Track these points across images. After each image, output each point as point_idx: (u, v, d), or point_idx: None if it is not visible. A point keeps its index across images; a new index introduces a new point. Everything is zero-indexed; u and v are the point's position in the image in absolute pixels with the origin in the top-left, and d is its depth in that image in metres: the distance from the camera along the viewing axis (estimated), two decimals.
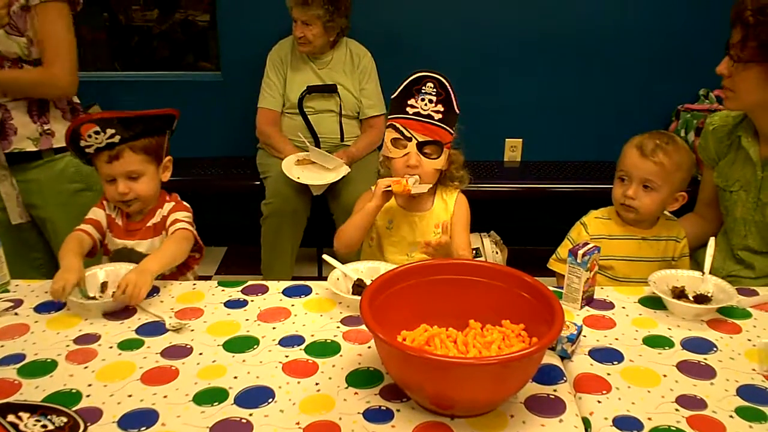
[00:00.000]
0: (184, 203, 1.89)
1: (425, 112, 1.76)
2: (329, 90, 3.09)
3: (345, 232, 1.87)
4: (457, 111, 1.78)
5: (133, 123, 1.73)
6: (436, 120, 1.76)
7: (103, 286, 1.64)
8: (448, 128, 1.78)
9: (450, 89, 1.75)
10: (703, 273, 1.62)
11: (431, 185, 1.84)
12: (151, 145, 1.78)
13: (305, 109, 3.08)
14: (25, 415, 1.12)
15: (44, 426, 1.10)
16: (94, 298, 1.61)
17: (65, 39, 2.13)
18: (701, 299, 1.55)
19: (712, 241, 1.71)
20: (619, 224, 1.86)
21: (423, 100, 1.75)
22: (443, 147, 1.79)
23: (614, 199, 1.84)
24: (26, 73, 2.11)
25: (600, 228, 1.86)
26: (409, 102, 1.77)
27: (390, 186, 1.77)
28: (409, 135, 1.77)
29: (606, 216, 1.88)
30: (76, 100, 2.28)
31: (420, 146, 1.78)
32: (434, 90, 1.75)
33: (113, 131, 1.69)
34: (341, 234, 1.87)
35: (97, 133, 1.69)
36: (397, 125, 1.79)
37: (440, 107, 1.75)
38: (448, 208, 1.90)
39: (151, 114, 1.77)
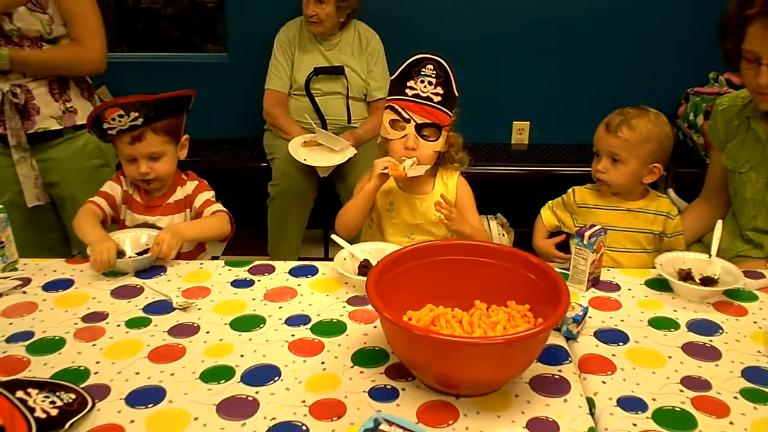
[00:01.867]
0: (205, 182, 1.94)
1: (424, 95, 1.75)
2: (336, 72, 3.08)
3: (345, 214, 1.87)
4: (457, 93, 1.76)
5: (155, 105, 1.77)
6: (435, 102, 1.75)
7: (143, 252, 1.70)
8: (447, 111, 1.77)
9: (450, 71, 1.74)
10: (710, 255, 1.62)
11: (428, 167, 1.83)
12: (171, 125, 1.82)
13: (312, 91, 3.08)
14: (33, 392, 1.13)
15: (53, 402, 1.11)
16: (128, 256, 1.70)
17: (95, 15, 2.18)
18: (708, 281, 1.55)
19: (719, 223, 1.70)
20: (605, 195, 1.89)
21: (422, 82, 1.74)
22: (442, 129, 1.78)
23: (592, 173, 1.89)
24: (59, 51, 2.13)
25: (586, 197, 1.91)
26: (408, 84, 1.75)
27: (386, 168, 1.77)
28: (407, 117, 1.77)
29: (595, 187, 1.92)
30: (89, 79, 2.30)
31: (418, 128, 1.77)
32: (434, 72, 1.73)
33: (136, 114, 1.74)
34: (341, 216, 1.88)
35: (121, 116, 1.73)
36: (396, 107, 1.78)
37: (440, 89, 1.74)
38: (449, 191, 1.89)
39: (171, 96, 1.80)
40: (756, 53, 1.66)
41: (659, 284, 1.59)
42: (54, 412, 1.09)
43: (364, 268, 1.60)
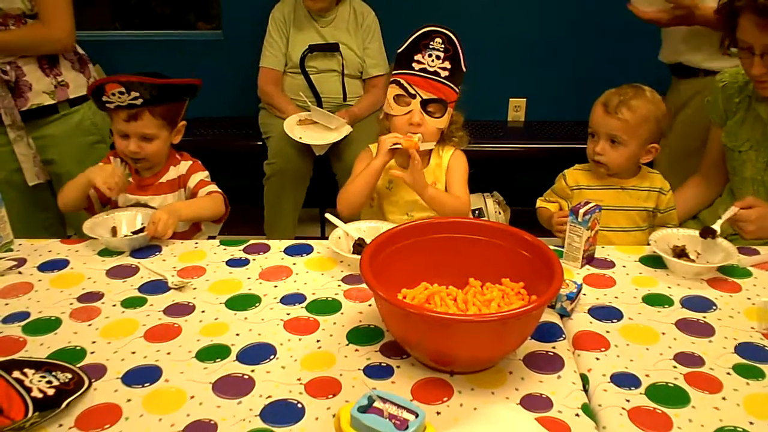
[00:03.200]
0: (199, 162, 1.93)
1: (432, 69, 1.72)
2: (331, 49, 3.06)
3: (349, 192, 1.83)
4: (464, 69, 1.74)
5: (158, 89, 1.76)
6: (442, 77, 1.73)
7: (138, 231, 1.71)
8: (453, 86, 1.74)
9: (458, 45, 1.71)
10: (720, 218, 1.60)
11: (434, 144, 1.82)
12: (170, 111, 1.83)
13: (307, 69, 3.06)
14: (30, 371, 1.14)
15: (49, 382, 1.12)
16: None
17: None
18: (707, 231, 1.56)
19: (732, 209, 1.69)
20: (598, 175, 1.86)
21: (430, 56, 1.71)
22: (447, 106, 1.77)
23: (588, 155, 1.86)
24: (24, 32, 2.11)
25: (578, 178, 1.88)
26: (415, 57, 1.73)
27: (398, 144, 1.73)
28: (413, 92, 1.74)
29: (586, 168, 1.89)
30: (81, 50, 2.29)
31: (424, 104, 1.75)
32: (442, 46, 1.71)
33: (137, 94, 1.73)
34: (345, 195, 1.84)
35: (122, 93, 1.73)
36: (402, 81, 1.75)
37: (447, 64, 1.72)
38: (442, 164, 1.87)
39: (175, 82, 1.80)
40: (748, 43, 1.67)
41: (653, 261, 1.59)
42: (51, 392, 1.10)
43: (359, 246, 1.60)
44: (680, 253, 1.58)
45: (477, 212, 3.14)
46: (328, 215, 1.74)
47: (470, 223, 1.41)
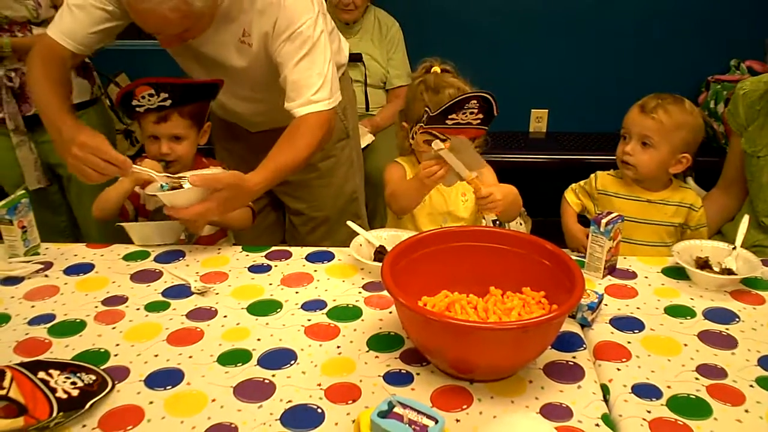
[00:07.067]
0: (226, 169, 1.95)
1: (465, 121, 1.70)
2: (354, 59, 3.08)
3: (401, 198, 1.81)
4: (496, 113, 1.70)
5: (185, 89, 1.80)
6: (474, 125, 1.70)
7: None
8: (485, 128, 1.73)
9: (494, 103, 1.68)
10: (735, 248, 1.59)
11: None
12: (197, 110, 1.86)
13: None
14: (55, 373, 1.15)
15: (74, 383, 1.14)
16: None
17: None
18: (727, 273, 1.54)
19: (746, 219, 1.68)
20: (627, 184, 1.84)
21: (464, 113, 1.69)
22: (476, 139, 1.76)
23: (616, 157, 1.84)
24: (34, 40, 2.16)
25: (607, 183, 1.86)
26: (450, 116, 1.70)
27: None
28: (444, 138, 1.71)
29: (617, 174, 1.87)
30: (87, 59, 2.34)
31: None
32: (477, 106, 1.68)
33: (166, 95, 1.76)
34: (397, 198, 1.82)
35: (151, 95, 1.76)
36: (434, 132, 1.72)
37: (481, 115, 1.69)
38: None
39: (200, 82, 1.85)
40: None
41: (676, 272, 1.58)
42: (75, 393, 1.11)
43: (380, 254, 1.61)
44: (703, 264, 1.57)
45: (497, 222, 3.13)
46: (349, 223, 1.75)
47: (491, 231, 1.41)
